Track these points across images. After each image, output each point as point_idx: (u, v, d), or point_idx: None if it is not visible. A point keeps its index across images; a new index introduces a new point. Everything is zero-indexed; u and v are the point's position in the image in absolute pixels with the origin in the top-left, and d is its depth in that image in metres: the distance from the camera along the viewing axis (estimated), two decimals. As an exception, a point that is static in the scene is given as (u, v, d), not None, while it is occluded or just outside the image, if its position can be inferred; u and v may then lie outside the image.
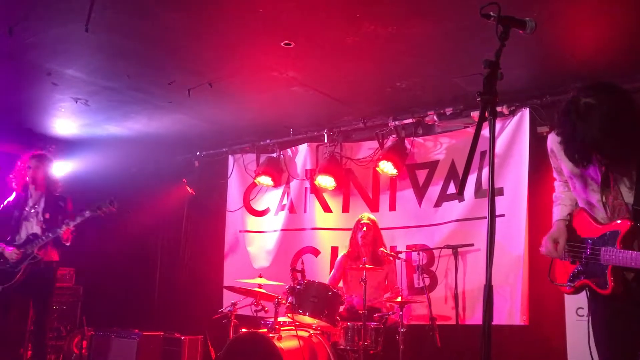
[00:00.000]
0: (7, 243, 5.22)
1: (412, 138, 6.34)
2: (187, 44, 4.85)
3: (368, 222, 5.83)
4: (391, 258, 5.74)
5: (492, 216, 1.98)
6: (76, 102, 6.30)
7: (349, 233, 6.05)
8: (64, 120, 7.06)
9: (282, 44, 4.73)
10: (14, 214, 5.33)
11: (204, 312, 6.79)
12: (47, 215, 5.35)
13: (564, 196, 3.03)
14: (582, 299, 2.88)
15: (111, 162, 8.15)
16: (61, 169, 7.83)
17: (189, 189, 7.92)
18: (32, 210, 5.35)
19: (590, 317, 2.82)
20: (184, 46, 4.90)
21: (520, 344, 5.27)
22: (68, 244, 5.28)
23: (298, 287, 5.03)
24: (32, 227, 5.29)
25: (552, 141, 2.88)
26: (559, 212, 3.01)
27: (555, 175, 3.10)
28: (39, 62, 5.28)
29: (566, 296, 4.80)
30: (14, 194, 5.48)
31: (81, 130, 7.42)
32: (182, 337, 6.53)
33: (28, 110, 6.70)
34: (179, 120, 6.86)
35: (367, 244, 5.73)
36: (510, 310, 5.30)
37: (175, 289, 8.15)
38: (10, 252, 5.12)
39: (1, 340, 5.20)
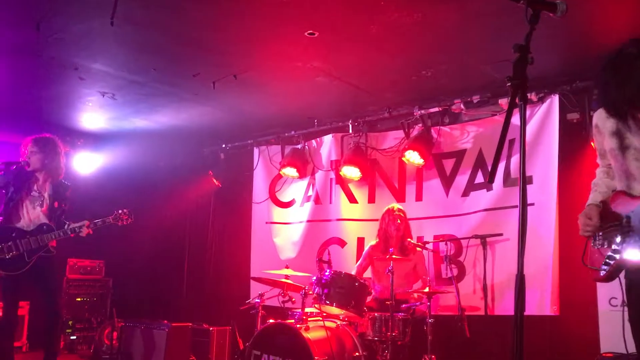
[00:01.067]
0: (10, 230, 5.00)
1: (438, 127, 6.26)
2: (211, 36, 4.85)
3: (401, 214, 5.79)
4: (419, 249, 5.70)
5: (524, 205, 1.94)
6: (103, 96, 6.37)
7: (375, 223, 6.02)
8: (92, 114, 7.15)
9: (305, 33, 4.70)
10: (9, 189, 5.12)
11: (231, 303, 6.85)
12: (56, 204, 5.22)
13: (601, 183, 2.96)
14: (615, 288, 2.80)
15: (138, 155, 8.25)
16: (90, 162, 7.98)
17: (215, 181, 7.97)
18: (37, 194, 5.17)
19: (628, 307, 2.73)
20: (208, 38, 4.91)
21: (550, 334, 5.19)
22: (72, 236, 5.21)
23: (325, 278, 5.03)
24: (36, 212, 5.12)
25: (597, 117, 2.83)
26: (591, 198, 2.95)
27: (598, 160, 3.02)
28: (66, 57, 5.34)
29: (598, 286, 4.71)
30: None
31: (109, 124, 7.51)
32: (211, 328, 6.60)
33: (56, 104, 6.79)
34: (205, 112, 6.89)
35: (399, 235, 5.70)
36: (541, 301, 5.22)
37: (203, 280, 8.23)
38: (26, 241, 4.97)
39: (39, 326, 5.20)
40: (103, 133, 7.90)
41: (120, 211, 5.42)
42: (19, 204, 5.11)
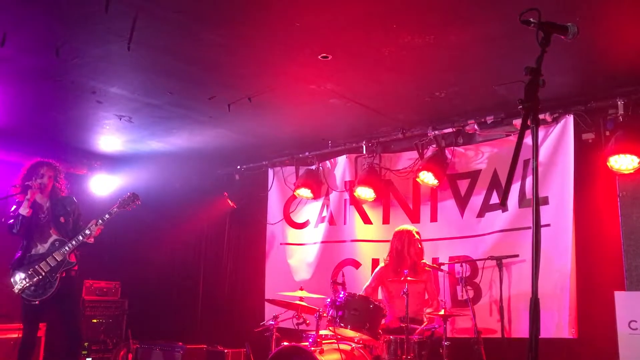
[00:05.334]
0: (29, 258, 5.11)
1: (452, 147, 6.25)
2: (226, 59, 4.92)
3: (419, 237, 5.78)
4: (428, 268, 5.65)
5: (537, 226, 1.93)
6: (120, 119, 6.46)
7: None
8: (109, 137, 7.25)
9: (319, 57, 4.74)
10: (29, 224, 5.21)
11: (246, 325, 6.84)
12: (62, 220, 5.29)
13: None
14: (634, 311, 2.76)
15: (154, 177, 8.32)
16: (107, 184, 8.06)
17: (230, 202, 8.00)
18: (44, 220, 5.26)
19: None
20: (223, 62, 4.97)
21: (569, 358, 5.11)
22: (92, 242, 5.21)
23: (339, 300, 5.00)
24: (48, 234, 5.21)
25: None
26: None
27: None
28: (84, 81, 5.44)
29: (617, 308, 4.63)
30: (16, 204, 5.27)
31: (125, 146, 7.60)
32: (225, 350, 6.58)
33: (74, 127, 6.91)
34: (220, 134, 6.95)
35: (414, 258, 5.67)
36: (558, 323, 5.14)
37: (218, 301, 8.22)
38: (44, 263, 5.05)
39: (57, 352, 5.21)
40: (120, 155, 7.99)
41: (124, 196, 5.35)
42: (32, 232, 5.22)
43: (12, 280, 5.11)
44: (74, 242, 5.15)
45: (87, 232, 5.16)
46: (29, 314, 5.13)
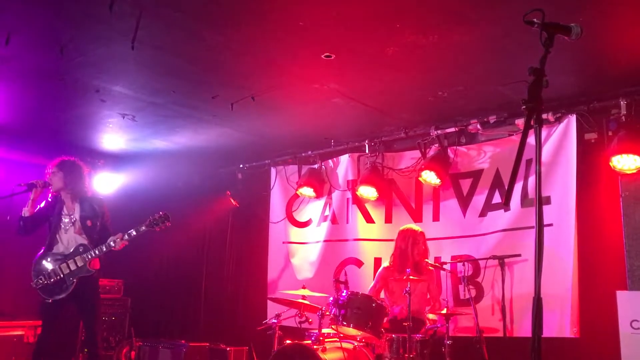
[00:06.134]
0: (52, 256, 5.10)
1: (455, 147, 6.26)
2: (229, 59, 4.93)
3: (423, 237, 5.79)
4: (431, 268, 5.66)
5: (540, 226, 1.94)
6: (123, 117, 6.48)
7: (392, 244, 6.00)
8: (112, 136, 7.27)
9: (322, 56, 4.76)
10: (48, 221, 5.22)
11: (248, 323, 6.86)
12: (89, 223, 5.21)
13: None
14: (636, 310, 2.77)
15: (157, 176, 8.34)
16: (110, 182, 8.09)
17: (233, 201, 8.02)
18: (68, 219, 5.21)
19: None
20: (226, 61, 4.99)
21: (571, 357, 5.11)
22: (117, 249, 5.13)
23: (342, 298, 5.02)
24: (70, 235, 5.16)
25: None
26: None
27: None
28: (88, 80, 5.46)
29: (619, 308, 4.64)
30: (43, 203, 5.29)
31: (128, 145, 7.62)
32: (228, 348, 6.60)
33: (78, 126, 6.92)
34: (223, 133, 6.97)
35: (418, 258, 5.68)
36: (560, 323, 5.15)
37: (221, 300, 8.25)
38: (65, 266, 5.04)
39: (53, 352, 5.21)
40: (123, 154, 8.02)
41: (156, 215, 5.21)
42: (55, 230, 5.19)
43: (32, 273, 5.10)
44: (97, 252, 5.09)
45: (112, 244, 5.08)
46: (47, 316, 5.11)
